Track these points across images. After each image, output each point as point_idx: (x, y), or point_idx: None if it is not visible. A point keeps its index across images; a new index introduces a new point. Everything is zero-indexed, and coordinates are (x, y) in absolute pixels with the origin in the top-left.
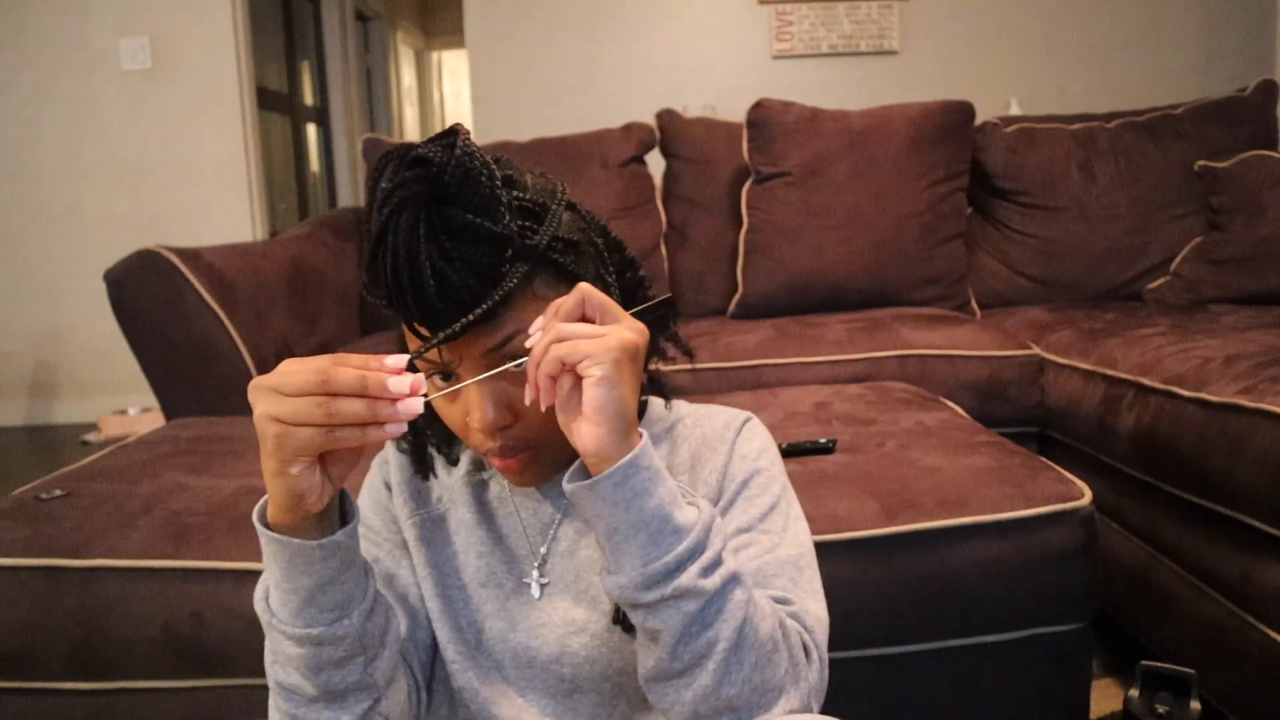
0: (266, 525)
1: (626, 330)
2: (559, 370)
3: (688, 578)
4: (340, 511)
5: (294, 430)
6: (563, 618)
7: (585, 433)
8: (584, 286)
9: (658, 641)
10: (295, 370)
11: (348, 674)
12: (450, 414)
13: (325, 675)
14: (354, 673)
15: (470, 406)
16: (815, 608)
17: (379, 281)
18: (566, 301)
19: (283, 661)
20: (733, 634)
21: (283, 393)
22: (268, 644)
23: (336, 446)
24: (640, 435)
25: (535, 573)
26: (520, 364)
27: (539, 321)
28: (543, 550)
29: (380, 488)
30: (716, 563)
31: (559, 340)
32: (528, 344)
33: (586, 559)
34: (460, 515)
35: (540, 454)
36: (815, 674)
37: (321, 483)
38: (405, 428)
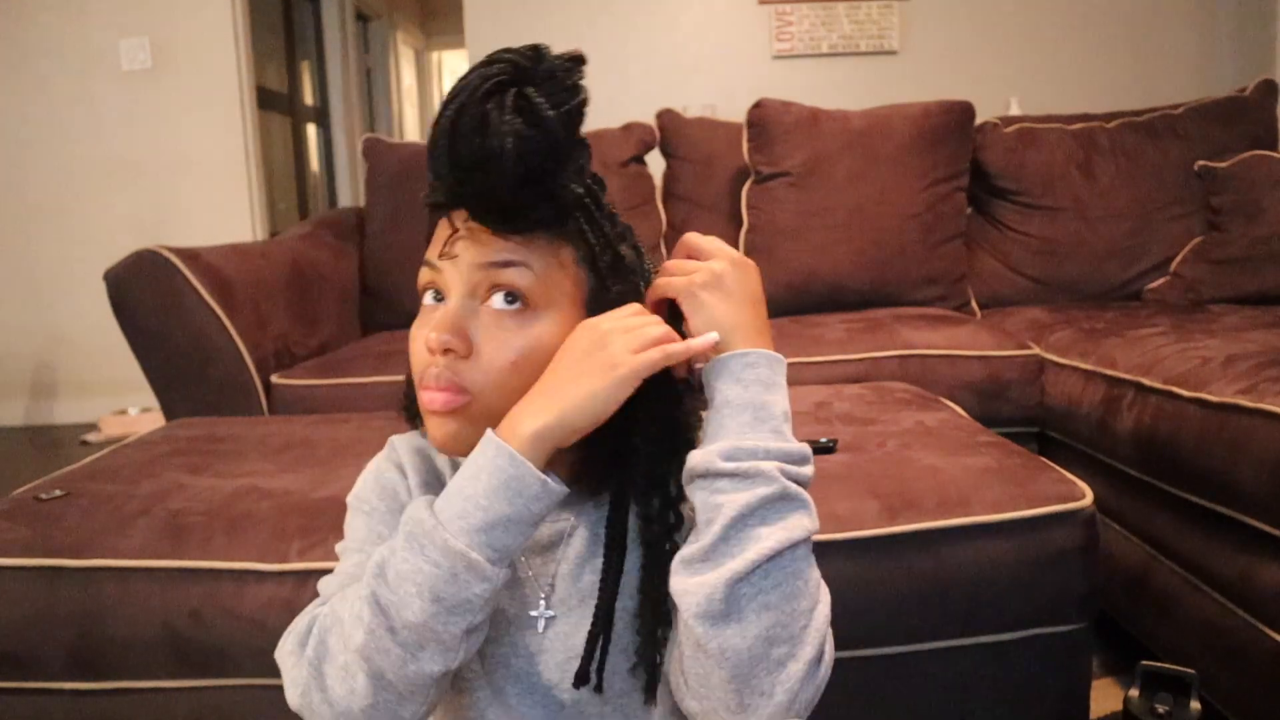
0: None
1: (716, 263)
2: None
3: (771, 465)
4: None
5: (643, 354)
6: (564, 644)
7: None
8: (689, 236)
9: (713, 520)
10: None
11: (453, 623)
12: (418, 336)
13: (436, 609)
14: (458, 625)
15: (437, 320)
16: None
17: (432, 139)
18: (677, 251)
19: (401, 575)
20: (780, 544)
21: (624, 325)
22: (386, 556)
23: (669, 363)
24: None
25: (542, 604)
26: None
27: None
28: (548, 581)
29: (398, 485)
30: (802, 481)
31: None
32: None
33: (590, 584)
34: None
35: (472, 408)
36: (822, 671)
37: None
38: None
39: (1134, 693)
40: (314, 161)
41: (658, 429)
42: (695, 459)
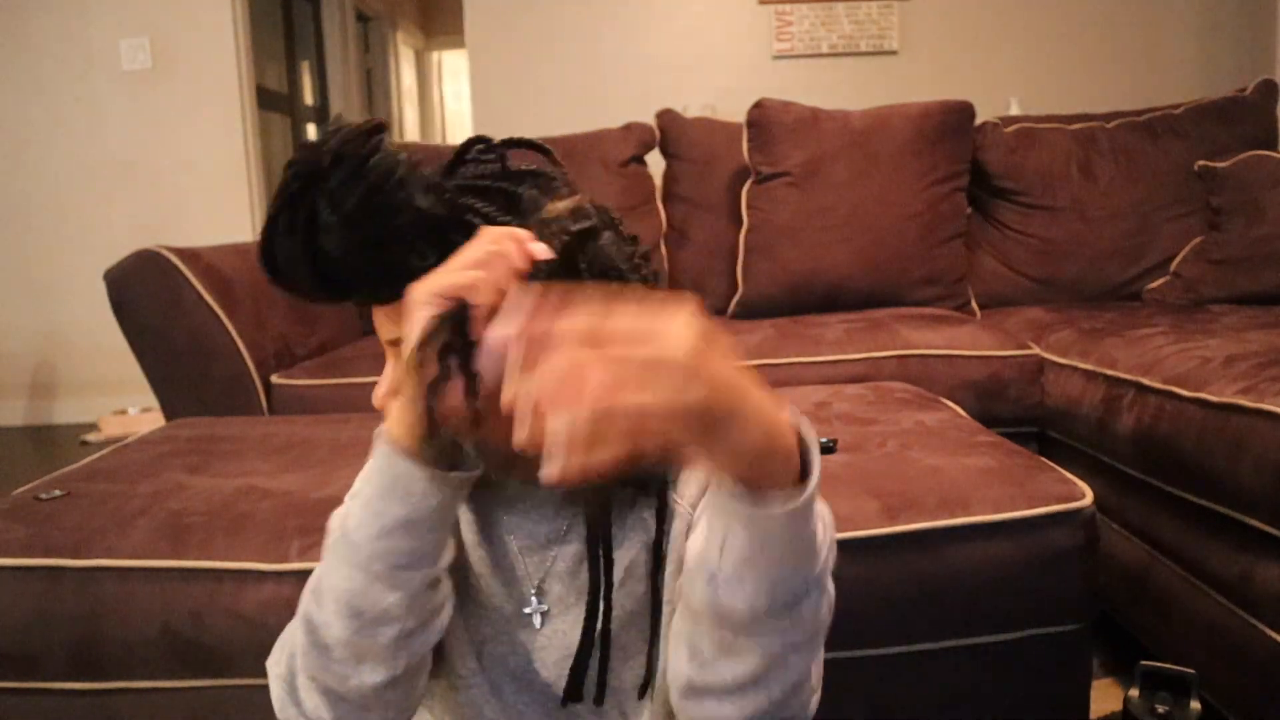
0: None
1: (678, 328)
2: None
3: (814, 603)
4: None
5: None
6: (561, 642)
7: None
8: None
9: (745, 655)
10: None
11: (380, 634)
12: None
13: (358, 624)
14: (386, 635)
15: (382, 380)
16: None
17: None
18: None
19: (324, 592)
20: (803, 673)
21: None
22: (317, 571)
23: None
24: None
25: (534, 601)
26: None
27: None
28: (539, 578)
29: None
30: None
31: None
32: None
33: (587, 582)
34: (464, 532)
35: None
36: (817, 671)
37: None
38: None
39: (1134, 693)
40: None
41: None
42: (741, 607)
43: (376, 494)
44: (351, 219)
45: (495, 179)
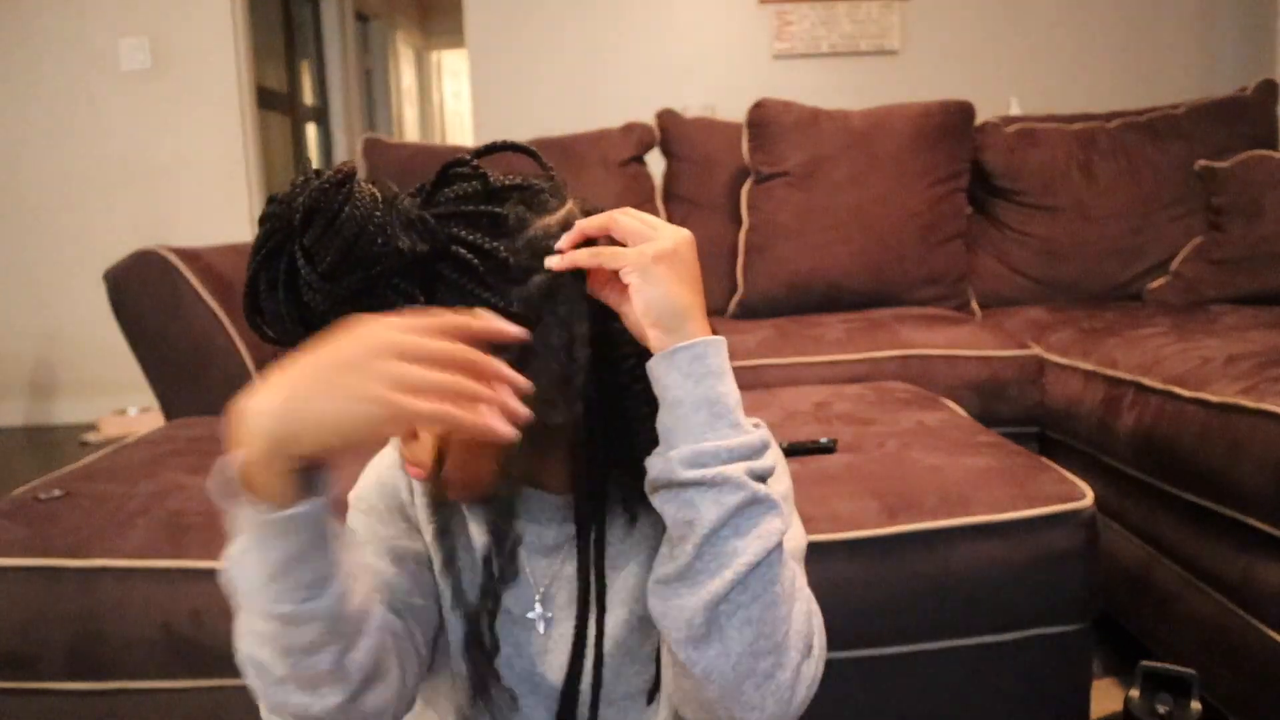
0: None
1: (666, 238)
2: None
3: (735, 469)
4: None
5: (419, 404)
6: (566, 646)
7: (649, 335)
8: (615, 214)
9: (687, 537)
10: (427, 317)
11: (318, 661)
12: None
13: (294, 658)
14: (326, 661)
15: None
16: (816, 607)
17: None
18: (590, 224)
19: (253, 635)
20: (757, 556)
21: (408, 339)
22: (239, 620)
23: (438, 423)
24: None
25: (539, 607)
26: None
27: (566, 238)
28: (546, 583)
29: (399, 483)
30: (765, 476)
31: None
32: (549, 262)
33: (578, 602)
34: (470, 536)
35: (451, 483)
36: (812, 669)
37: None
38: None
39: (1134, 693)
40: (314, 161)
41: (619, 431)
42: (657, 468)
43: (248, 545)
44: (331, 274)
45: (478, 200)
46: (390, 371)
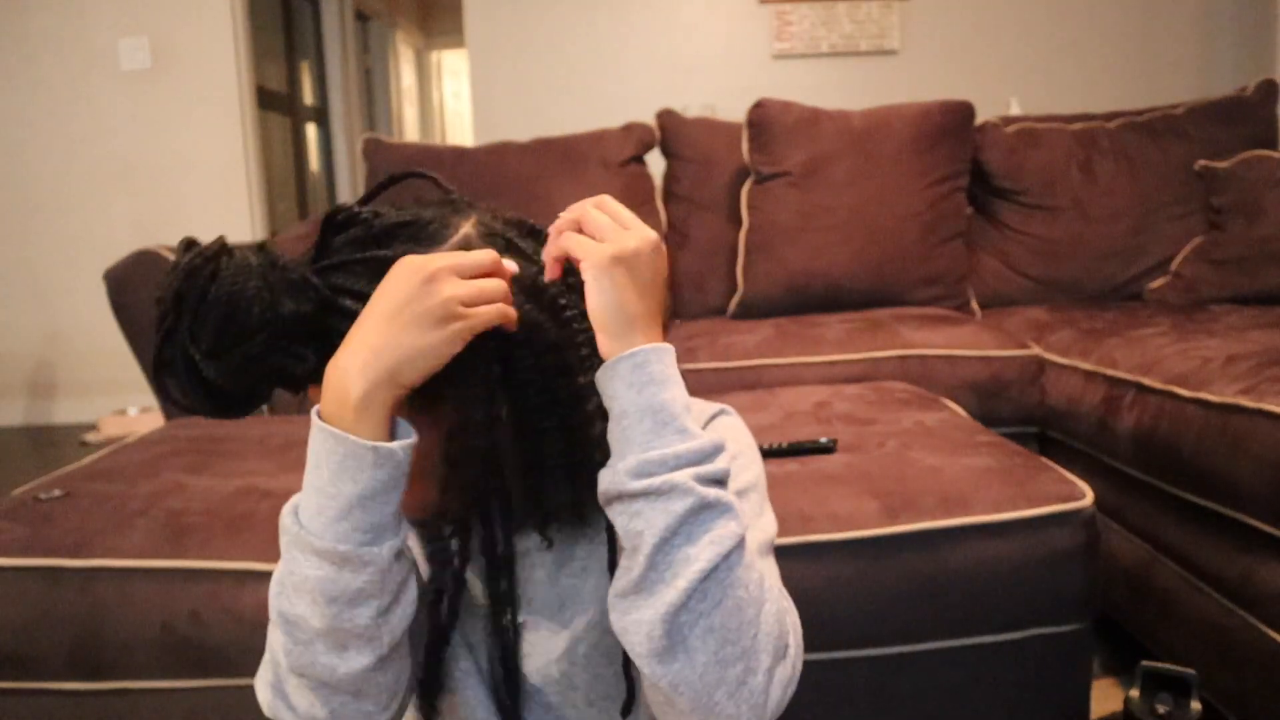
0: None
1: (631, 239)
2: (563, 257)
3: (681, 476)
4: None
5: (481, 310)
6: (544, 647)
7: (597, 338)
8: (588, 206)
9: (638, 549)
10: (471, 253)
11: (358, 615)
12: None
13: (335, 609)
14: (365, 615)
15: None
16: (790, 604)
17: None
18: (562, 223)
19: (294, 587)
20: (712, 561)
21: (462, 273)
22: (279, 571)
23: (498, 321)
24: (666, 342)
25: (508, 613)
26: None
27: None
28: (523, 584)
29: None
30: (715, 481)
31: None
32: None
33: (568, 586)
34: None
35: None
36: (787, 670)
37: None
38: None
39: (1134, 693)
40: (314, 161)
41: (569, 442)
42: (605, 481)
43: (328, 479)
44: (214, 353)
45: (362, 246)
46: (446, 292)
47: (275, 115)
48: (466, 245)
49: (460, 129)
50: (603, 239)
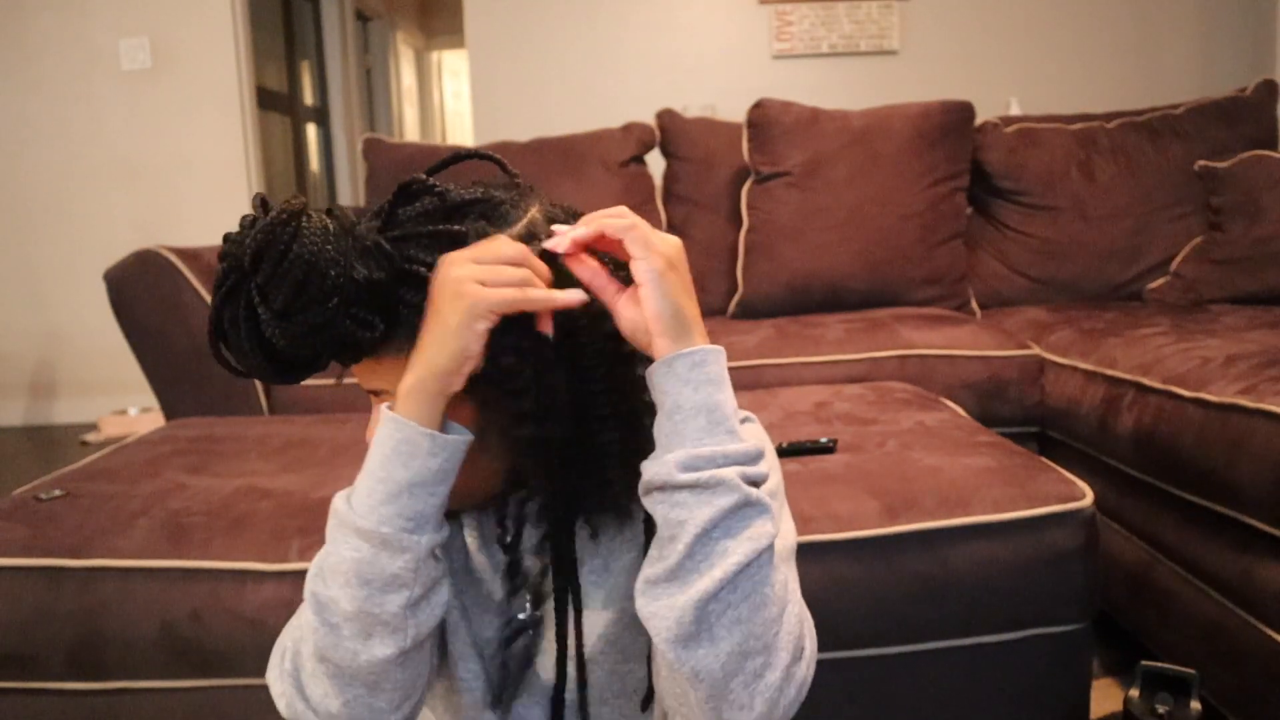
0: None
1: (673, 245)
2: (583, 242)
3: (730, 473)
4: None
5: (493, 289)
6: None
7: (655, 343)
8: (629, 218)
9: (677, 538)
10: (492, 244)
11: (390, 601)
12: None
13: (366, 592)
14: (396, 602)
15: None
16: (807, 612)
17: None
18: (608, 226)
19: (330, 569)
20: (747, 556)
21: (481, 261)
22: (320, 554)
23: (527, 307)
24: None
25: (529, 606)
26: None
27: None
28: (539, 582)
29: None
30: (758, 482)
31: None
32: (548, 244)
33: (584, 583)
34: (467, 537)
35: None
36: (802, 672)
37: (477, 357)
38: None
39: (1134, 693)
40: (314, 161)
41: (623, 429)
42: (651, 471)
43: (381, 461)
44: (286, 313)
45: (436, 219)
46: (455, 273)
47: (275, 115)
48: (533, 228)
49: (460, 129)
50: (649, 244)
